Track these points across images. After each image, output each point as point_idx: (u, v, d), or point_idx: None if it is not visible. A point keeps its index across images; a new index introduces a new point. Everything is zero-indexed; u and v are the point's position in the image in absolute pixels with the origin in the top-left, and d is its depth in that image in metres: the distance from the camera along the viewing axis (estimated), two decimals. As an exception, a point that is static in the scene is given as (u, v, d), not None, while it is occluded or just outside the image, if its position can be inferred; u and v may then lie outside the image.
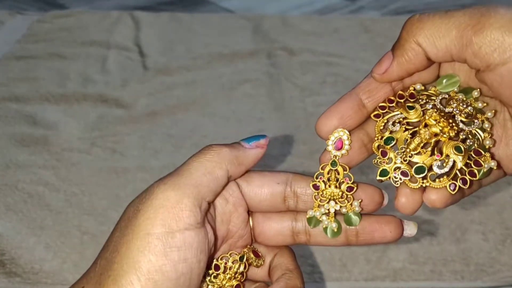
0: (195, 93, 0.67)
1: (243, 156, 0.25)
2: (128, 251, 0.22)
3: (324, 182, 0.26)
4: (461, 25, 0.21)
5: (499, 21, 0.21)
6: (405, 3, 0.96)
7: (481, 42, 0.21)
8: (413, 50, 0.24)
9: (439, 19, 0.22)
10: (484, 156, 0.24)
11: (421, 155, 0.24)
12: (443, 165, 0.24)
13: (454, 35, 0.22)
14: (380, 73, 0.25)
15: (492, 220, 0.48)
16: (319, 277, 0.43)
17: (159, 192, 0.22)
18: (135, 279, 0.22)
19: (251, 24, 0.84)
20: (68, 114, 0.62)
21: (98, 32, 0.80)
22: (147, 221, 0.22)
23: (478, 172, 0.24)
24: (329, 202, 0.26)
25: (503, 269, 0.43)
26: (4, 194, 0.50)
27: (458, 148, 0.24)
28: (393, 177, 0.25)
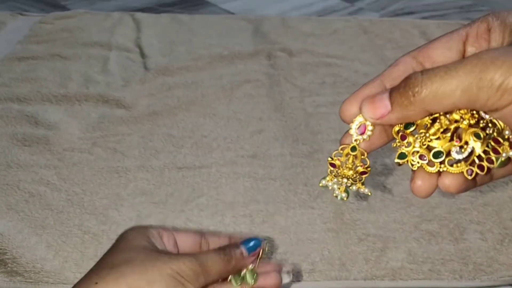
0: (195, 94, 0.67)
1: (241, 266, 0.35)
2: None
3: (341, 163, 0.27)
4: (465, 84, 0.22)
5: (498, 71, 0.21)
6: (404, 4, 0.96)
7: (487, 95, 0.22)
8: (416, 110, 0.24)
9: (441, 81, 0.22)
10: (502, 145, 0.24)
11: (440, 140, 0.24)
12: (461, 150, 0.24)
13: (459, 95, 0.22)
14: (375, 118, 0.25)
15: (490, 219, 0.48)
16: (318, 276, 0.43)
17: (190, 260, 0.32)
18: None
19: (251, 25, 0.84)
20: (69, 114, 0.62)
21: (100, 33, 0.80)
22: (178, 266, 0.31)
23: (496, 160, 0.24)
24: (342, 179, 0.27)
25: (501, 268, 0.44)
26: (6, 194, 0.50)
27: (477, 134, 0.24)
28: (411, 160, 0.25)
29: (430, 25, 0.84)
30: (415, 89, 0.23)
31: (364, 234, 0.47)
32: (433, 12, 0.93)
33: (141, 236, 0.34)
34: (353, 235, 0.46)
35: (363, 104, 0.25)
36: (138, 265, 0.31)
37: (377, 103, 0.25)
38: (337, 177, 0.28)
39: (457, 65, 0.22)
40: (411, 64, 0.26)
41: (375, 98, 0.25)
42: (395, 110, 0.24)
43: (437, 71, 0.23)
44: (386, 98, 0.25)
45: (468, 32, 0.26)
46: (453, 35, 0.26)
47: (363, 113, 0.25)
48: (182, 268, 0.31)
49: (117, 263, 0.31)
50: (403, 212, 0.49)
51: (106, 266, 0.31)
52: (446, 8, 0.95)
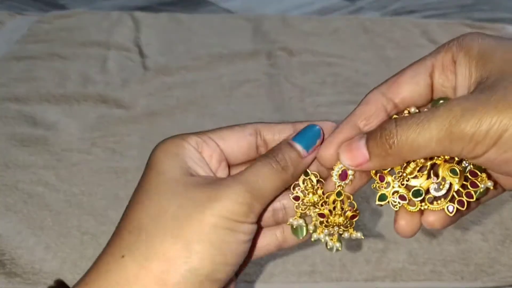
0: (195, 94, 0.67)
1: (302, 169, 0.27)
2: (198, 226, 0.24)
3: (330, 211, 0.27)
4: (438, 137, 0.22)
5: (468, 123, 0.22)
6: (404, 3, 0.96)
7: (461, 147, 0.22)
8: (394, 160, 0.24)
9: (415, 134, 0.23)
10: (480, 177, 0.25)
11: (418, 179, 0.25)
12: (440, 187, 0.25)
13: (433, 146, 0.23)
14: (353, 166, 0.25)
15: (492, 220, 0.48)
16: (318, 277, 0.43)
17: (236, 191, 0.25)
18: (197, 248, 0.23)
19: (251, 24, 0.84)
20: (68, 115, 0.62)
21: (98, 33, 0.80)
22: (224, 208, 0.24)
23: (475, 193, 0.24)
24: (333, 227, 0.27)
25: (503, 269, 0.43)
26: (4, 194, 0.50)
27: (453, 170, 0.24)
28: (391, 201, 0.25)
29: (431, 25, 0.83)
30: (390, 141, 0.23)
31: (364, 235, 0.46)
32: (434, 11, 0.92)
33: (176, 159, 0.26)
34: (354, 236, 0.46)
35: (341, 152, 0.26)
36: (170, 223, 0.24)
37: (355, 152, 0.25)
38: (327, 227, 0.27)
39: (429, 117, 0.23)
40: (381, 101, 0.26)
41: (352, 146, 0.25)
42: (373, 160, 0.25)
43: (410, 122, 0.23)
44: (363, 147, 0.25)
45: (434, 63, 0.26)
46: (420, 67, 0.26)
47: (342, 161, 0.26)
48: (229, 207, 0.24)
49: (145, 223, 0.24)
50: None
51: (133, 226, 0.25)
52: (447, 7, 0.94)
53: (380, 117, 0.26)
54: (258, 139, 0.28)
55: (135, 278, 0.23)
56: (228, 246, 0.24)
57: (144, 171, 0.27)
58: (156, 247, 0.24)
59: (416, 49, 0.77)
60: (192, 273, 0.23)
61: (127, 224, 0.25)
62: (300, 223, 0.28)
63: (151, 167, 0.26)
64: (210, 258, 0.23)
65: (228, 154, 0.28)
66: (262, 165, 0.26)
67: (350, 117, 0.27)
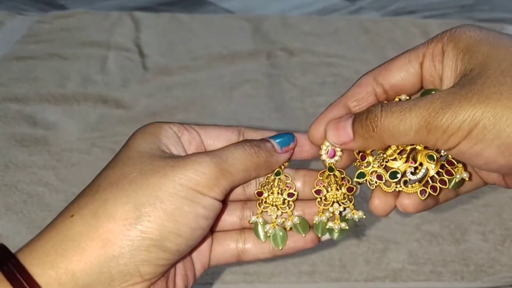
0: (195, 94, 0.67)
1: (274, 162, 0.28)
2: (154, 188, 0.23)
3: (325, 187, 0.28)
4: (416, 127, 0.23)
5: (445, 116, 0.23)
6: (404, 3, 0.96)
7: (435, 138, 0.23)
8: (375, 142, 0.26)
9: (397, 121, 0.24)
10: (457, 167, 0.26)
11: (397, 161, 0.26)
12: (416, 172, 0.26)
13: (412, 135, 0.24)
14: (338, 144, 0.27)
15: (492, 220, 0.48)
16: (318, 277, 0.43)
17: (201, 162, 0.24)
18: (155, 211, 0.23)
19: (251, 24, 0.84)
20: (68, 115, 0.62)
21: (98, 33, 0.80)
22: (185, 177, 0.24)
23: (449, 182, 0.25)
24: (332, 205, 0.28)
25: (503, 269, 0.43)
26: (4, 194, 0.50)
27: (431, 156, 0.25)
28: (369, 180, 0.27)
29: (431, 25, 0.83)
30: (374, 124, 0.25)
31: (364, 235, 0.46)
32: (434, 11, 0.92)
33: (150, 137, 0.26)
34: (354, 236, 0.46)
35: (327, 129, 0.27)
36: (126, 186, 0.24)
37: (341, 131, 0.26)
38: (326, 207, 0.28)
39: (412, 107, 0.24)
40: (372, 85, 0.27)
41: (339, 125, 0.26)
42: (357, 140, 0.26)
43: (394, 109, 0.24)
44: (349, 127, 0.26)
45: (424, 52, 0.26)
46: (411, 55, 0.27)
47: (328, 137, 0.27)
48: (190, 176, 0.23)
49: (102, 186, 0.24)
50: (404, 213, 0.49)
51: (91, 190, 0.25)
52: (448, 7, 0.94)
53: (370, 100, 0.27)
54: (241, 139, 0.29)
55: (79, 236, 0.23)
56: (183, 216, 0.23)
57: (120, 150, 0.27)
58: (106, 208, 0.23)
59: (416, 49, 0.77)
60: (138, 236, 0.23)
61: (87, 188, 0.25)
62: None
63: (125, 144, 0.27)
64: (160, 224, 0.23)
65: (208, 146, 0.28)
66: (235, 146, 0.26)
67: (342, 98, 0.28)
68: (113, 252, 0.23)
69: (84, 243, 0.23)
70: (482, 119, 0.22)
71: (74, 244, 0.23)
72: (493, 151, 0.22)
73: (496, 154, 0.22)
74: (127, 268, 0.23)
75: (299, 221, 0.28)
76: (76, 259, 0.23)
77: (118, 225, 0.23)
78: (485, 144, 0.22)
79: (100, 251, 0.23)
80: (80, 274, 0.23)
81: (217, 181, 0.24)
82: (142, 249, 0.23)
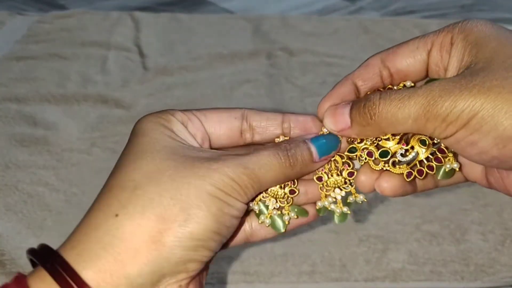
0: (195, 94, 0.67)
1: (306, 173, 0.27)
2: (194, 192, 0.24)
3: (326, 173, 0.28)
4: (415, 115, 0.24)
5: (444, 104, 0.23)
6: (404, 3, 0.96)
7: (434, 126, 0.24)
8: (373, 130, 0.26)
9: (395, 109, 0.24)
10: (448, 156, 0.26)
11: (389, 141, 0.26)
12: (406, 154, 0.26)
13: (410, 123, 0.24)
14: (335, 130, 0.27)
15: (492, 220, 0.48)
16: (318, 277, 0.43)
17: (236, 170, 0.24)
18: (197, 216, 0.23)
19: (251, 24, 0.84)
20: (68, 115, 0.62)
21: (98, 33, 0.80)
22: (222, 182, 0.24)
23: (438, 170, 0.26)
24: (334, 190, 0.28)
25: (503, 269, 0.43)
26: (4, 195, 0.50)
27: (423, 141, 0.26)
28: (359, 155, 0.27)
29: (431, 25, 0.83)
30: (372, 112, 0.25)
31: (364, 235, 0.46)
32: (434, 11, 0.92)
33: (165, 130, 0.26)
34: (354, 236, 0.46)
35: (325, 116, 0.27)
36: (167, 184, 0.23)
37: (338, 117, 0.26)
38: (328, 192, 0.28)
39: (411, 95, 0.24)
40: (379, 67, 0.27)
41: (337, 111, 0.26)
42: (354, 127, 0.26)
43: (393, 97, 0.24)
44: (347, 114, 0.26)
45: (433, 41, 0.26)
46: (420, 42, 0.27)
47: (325, 124, 0.27)
48: (225, 182, 0.24)
49: (139, 181, 0.24)
50: (404, 213, 0.49)
51: (127, 185, 0.24)
52: (447, 7, 0.94)
53: (375, 81, 0.28)
54: (244, 124, 0.28)
55: (131, 237, 0.23)
56: (223, 217, 0.24)
57: (132, 138, 0.26)
58: (153, 206, 0.23)
59: (416, 49, 0.77)
60: (188, 237, 0.23)
61: (118, 182, 0.24)
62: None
63: (140, 134, 0.26)
64: (207, 225, 0.23)
65: (210, 133, 0.28)
66: (270, 154, 0.25)
67: (350, 76, 0.28)
68: (165, 253, 0.23)
69: (137, 244, 0.23)
70: (481, 110, 0.22)
71: (126, 246, 0.23)
72: (488, 142, 0.23)
73: (491, 145, 0.23)
74: (177, 267, 0.23)
75: (296, 216, 0.28)
76: (130, 262, 0.23)
77: (168, 226, 0.23)
78: (481, 134, 0.22)
79: (153, 253, 0.23)
80: (134, 276, 0.23)
81: (248, 190, 0.25)
82: (191, 249, 0.23)
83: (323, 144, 0.27)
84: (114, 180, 0.25)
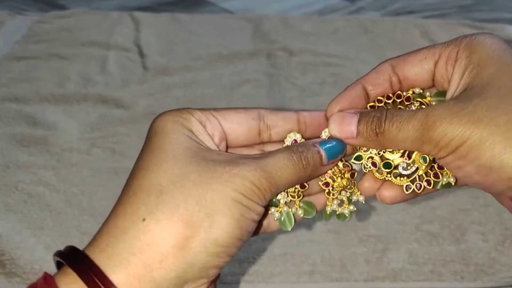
0: (195, 94, 0.67)
1: (316, 175, 0.28)
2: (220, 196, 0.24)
3: (331, 178, 0.29)
4: (412, 138, 0.26)
5: (437, 130, 0.24)
6: (404, 4, 0.96)
7: (429, 149, 0.26)
8: (376, 145, 0.27)
9: (397, 130, 0.26)
10: (445, 171, 0.28)
11: (393, 154, 0.28)
12: (407, 167, 0.28)
13: (409, 144, 0.26)
14: (340, 137, 0.28)
15: (492, 220, 0.48)
16: (318, 277, 0.43)
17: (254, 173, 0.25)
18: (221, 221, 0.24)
19: (251, 24, 0.84)
20: (68, 115, 0.62)
21: (98, 33, 0.80)
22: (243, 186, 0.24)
23: (435, 184, 0.28)
24: (340, 193, 0.30)
25: (503, 269, 0.43)
26: (4, 195, 0.50)
27: (424, 158, 0.28)
28: (364, 163, 0.29)
29: (431, 25, 0.83)
30: (378, 130, 0.26)
31: (365, 235, 0.46)
32: (434, 11, 0.92)
33: (185, 131, 0.26)
34: (354, 236, 0.46)
35: (331, 122, 0.28)
36: (192, 189, 0.24)
37: (345, 127, 0.27)
38: (335, 196, 0.30)
39: (410, 118, 0.26)
40: (389, 73, 0.29)
41: (344, 120, 0.28)
42: (359, 139, 0.27)
43: (395, 119, 0.26)
44: (354, 125, 0.27)
45: (441, 53, 0.27)
46: (429, 53, 0.28)
47: (331, 130, 0.28)
48: (247, 186, 0.24)
49: (165, 186, 0.24)
50: (404, 213, 0.49)
51: (153, 189, 0.24)
52: (447, 7, 0.94)
53: (385, 87, 0.29)
54: (261, 124, 0.29)
55: (158, 241, 0.23)
56: (244, 222, 0.25)
57: (149, 139, 0.26)
58: (180, 212, 0.23)
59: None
60: (212, 243, 0.24)
61: (143, 186, 0.24)
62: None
63: (160, 134, 0.26)
64: (230, 232, 0.24)
65: (228, 134, 0.28)
66: (285, 157, 0.26)
67: (361, 80, 0.29)
68: (190, 259, 0.23)
69: (164, 249, 0.23)
70: (469, 139, 0.24)
71: (154, 251, 0.23)
72: (472, 169, 0.25)
73: (474, 172, 0.25)
74: (199, 273, 0.24)
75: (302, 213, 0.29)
76: (157, 266, 0.23)
77: (194, 232, 0.23)
78: (466, 161, 0.25)
79: (179, 259, 0.23)
80: (160, 281, 0.23)
81: (266, 193, 0.25)
82: (215, 255, 0.24)
83: (331, 148, 0.28)
84: (138, 182, 0.25)
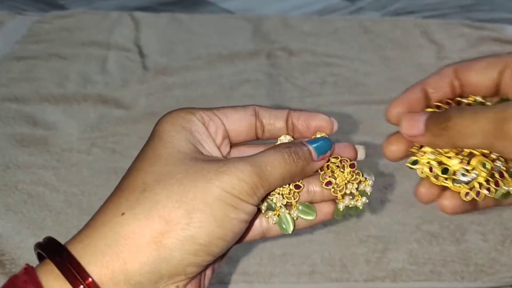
0: (195, 94, 0.67)
1: (309, 170, 0.28)
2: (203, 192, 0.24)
3: (331, 176, 0.28)
4: (485, 131, 0.24)
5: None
6: (404, 4, 0.96)
7: (503, 145, 0.24)
8: (444, 142, 0.27)
9: (467, 123, 0.25)
10: (506, 180, 0.27)
11: (452, 159, 0.27)
12: (466, 174, 0.27)
13: (479, 139, 0.25)
14: (408, 135, 0.28)
15: (492, 220, 0.48)
16: (318, 277, 0.43)
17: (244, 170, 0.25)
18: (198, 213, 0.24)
19: (250, 24, 0.84)
20: (68, 115, 0.62)
21: (98, 33, 0.80)
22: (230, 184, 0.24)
23: (495, 191, 0.26)
24: (346, 186, 0.28)
25: (503, 269, 0.43)
26: (4, 195, 0.50)
27: (484, 164, 0.26)
28: (421, 168, 0.28)
29: (431, 25, 0.83)
30: (446, 124, 0.26)
31: (365, 235, 0.46)
32: (434, 11, 0.92)
33: (184, 133, 0.26)
34: (354, 236, 0.46)
35: (402, 120, 0.28)
36: (175, 186, 0.24)
37: (414, 123, 0.27)
38: (342, 191, 0.28)
39: (484, 111, 0.25)
40: (451, 77, 0.29)
41: (414, 118, 0.27)
42: (427, 136, 0.27)
43: (467, 112, 0.25)
44: (423, 121, 0.27)
45: (506, 62, 0.27)
46: (494, 61, 0.28)
47: (401, 128, 0.28)
48: (234, 183, 0.24)
49: (149, 183, 0.24)
50: (404, 213, 0.49)
51: (137, 186, 0.25)
52: (447, 7, 0.94)
53: (446, 90, 0.29)
54: (257, 121, 0.29)
55: (133, 235, 0.24)
56: (228, 222, 0.24)
57: (149, 140, 0.27)
58: (158, 208, 0.24)
59: (416, 50, 0.77)
60: (189, 240, 0.24)
61: (130, 183, 0.25)
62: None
63: (157, 137, 0.27)
64: (210, 230, 0.24)
65: (230, 131, 0.29)
66: (275, 152, 0.26)
67: (422, 82, 0.29)
68: (165, 254, 0.23)
69: (139, 243, 0.23)
70: None
71: (129, 244, 0.23)
72: None
73: None
74: (175, 269, 0.24)
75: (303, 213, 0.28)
76: (131, 259, 0.23)
77: (171, 228, 0.23)
78: None
79: (154, 253, 0.23)
80: (133, 273, 0.23)
81: (257, 189, 0.25)
82: (191, 253, 0.24)
83: (319, 144, 0.28)
84: (127, 181, 0.26)
